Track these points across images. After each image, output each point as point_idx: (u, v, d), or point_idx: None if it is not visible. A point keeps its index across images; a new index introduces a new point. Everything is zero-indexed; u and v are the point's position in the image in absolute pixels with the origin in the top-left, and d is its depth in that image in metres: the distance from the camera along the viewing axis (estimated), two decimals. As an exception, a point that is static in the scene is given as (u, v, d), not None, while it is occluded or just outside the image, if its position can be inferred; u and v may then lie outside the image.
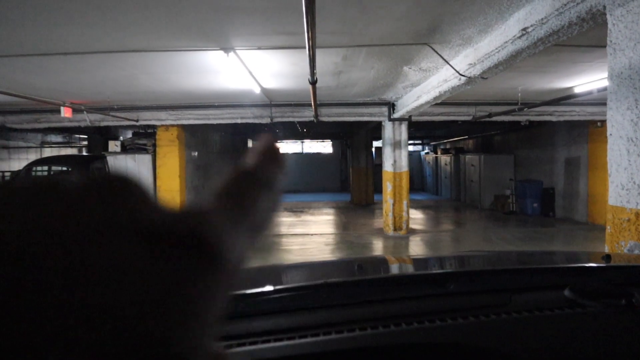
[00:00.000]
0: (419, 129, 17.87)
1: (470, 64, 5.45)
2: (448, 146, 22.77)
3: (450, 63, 5.93)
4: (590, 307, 1.20)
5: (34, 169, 12.95)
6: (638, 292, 1.20)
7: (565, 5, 3.33)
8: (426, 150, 26.77)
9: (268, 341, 1.08)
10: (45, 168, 12.93)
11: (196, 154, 12.56)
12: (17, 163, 19.48)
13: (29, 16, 4.52)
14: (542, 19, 3.71)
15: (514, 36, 4.25)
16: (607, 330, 1.16)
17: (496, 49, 4.72)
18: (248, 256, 0.30)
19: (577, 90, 8.68)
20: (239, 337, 1.09)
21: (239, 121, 11.12)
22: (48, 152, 20.16)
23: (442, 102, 8.41)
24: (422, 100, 7.96)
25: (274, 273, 2.26)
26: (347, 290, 1.42)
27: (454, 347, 1.11)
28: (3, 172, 18.01)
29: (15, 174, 15.17)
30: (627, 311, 1.18)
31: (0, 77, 6.72)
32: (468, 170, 17.94)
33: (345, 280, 1.65)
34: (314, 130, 19.46)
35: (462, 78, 5.78)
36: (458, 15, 4.56)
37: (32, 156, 18.54)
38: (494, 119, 10.81)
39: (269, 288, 1.43)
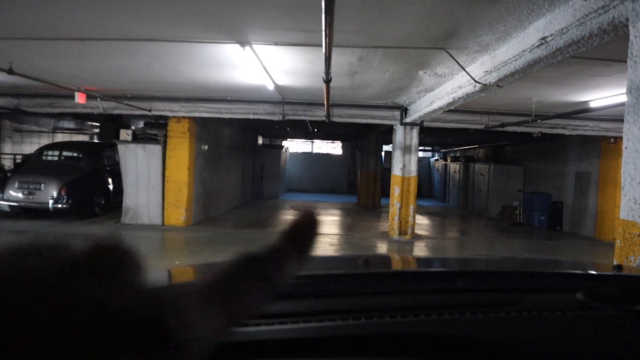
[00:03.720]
0: (430, 135, 17.79)
1: (487, 71, 5.43)
2: (458, 154, 22.71)
3: (466, 69, 5.91)
4: (603, 311, 1.18)
5: (45, 153, 13.05)
6: None
7: (587, 15, 3.30)
8: (436, 157, 26.71)
9: (272, 324, 1.10)
10: (57, 153, 13.02)
11: (206, 147, 12.57)
12: (29, 147, 19.63)
13: (48, 3, 4.54)
14: (562, 29, 3.68)
15: (533, 45, 4.23)
16: (620, 334, 1.15)
17: (513, 57, 4.69)
18: (219, 340, 0.31)
19: (592, 105, 8.61)
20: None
21: (251, 117, 11.12)
22: (60, 138, 20.30)
23: (455, 109, 8.38)
24: (435, 106, 7.94)
25: None
26: (357, 281, 1.44)
27: (462, 340, 1.11)
28: (15, 155, 18.16)
29: (26, 157, 15.27)
30: None
31: (17, 60, 6.75)
32: (477, 179, 17.87)
33: (361, 271, 1.66)
34: (324, 131, 19.46)
35: (478, 85, 5.75)
36: (477, 21, 4.54)
37: (44, 141, 18.72)
38: (506, 129, 10.76)
39: None
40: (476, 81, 5.72)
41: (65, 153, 13.01)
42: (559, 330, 1.15)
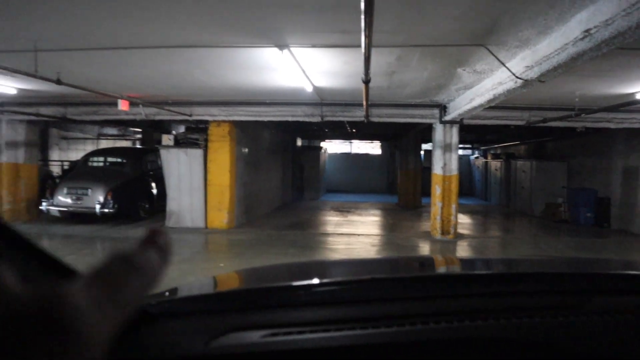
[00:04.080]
0: (470, 133, 17.54)
1: (528, 66, 5.33)
2: (499, 151, 22.30)
3: (506, 65, 5.82)
4: None
5: (91, 159, 13.46)
6: None
7: (633, 5, 3.22)
8: (476, 155, 26.30)
9: (304, 332, 1.09)
10: (102, 159, 13.40)
11: (246, 150, 12.73)
12: (75, 153, 20.28)
13: (93, 11, 4.70)
14: (606, 20, 3.59)
15: (576, 38, 4.13)
16: None
17: (555, 51, 4.59)
18: (115, 330, 0.34)
19: (639, 97, 8.35)
20: (279, 326, 1.11)
21: (289, 119, 11.21)
22: (104, 144, 20.90)
23: (495, 105, 8.23)
24: (475, 103, 7.83)
25: (315, 268, 2.27)
26: (406, 285, 1.42)
27: (521, 344, 1.09)
28: (62, 161, 18.79)
29: (73, 164, 15.77)
30: None
31: (64, 70, 6.99)
32: (519, 176, 17.51)
33: (409, 275, 1.65)
34: (363, 131, 19.42)
35: (518, 81, 5.65)
36: (517, 15, 4.47)
37: (89, 147, 19.29)
38: (549, 124, 10.52)
39: (308, 282, 1.45)
40: (517, 77, 5.62)
41: (110, 159, 13.40)
42: (633, 335, 1.11)
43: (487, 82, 7.16)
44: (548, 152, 17.95)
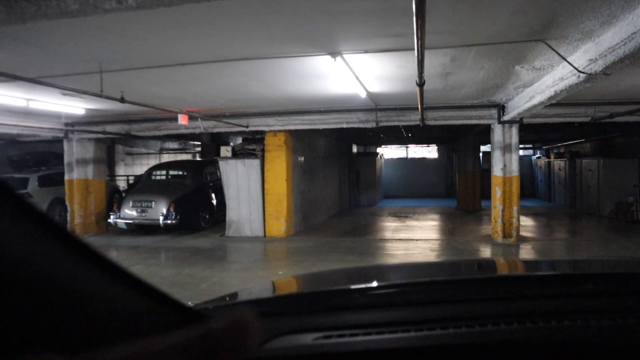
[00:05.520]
0: (530, 132, 17.01)
1: (591, 59, 5.12)
2: (562, 150, 21.51)
3: (568, 59, 5.61)
4: None
5: (154, 173, 13.93)
6: None
7: None
8: (538, 155, 25.50)
9: (356, 335, 1.08)
10: (164, 172, 13.85)
11: (302, 158, 12.84)
12: (139, 168, 21.07)
13: (153, 31, 4.87)
14: (676, 7, 3.40)
15: (643, 26, 3.94)
16: None
17: (622, 41, 4.39)
18: None
19: None
20: (333, 329, 1.10)
21: (344, 126, 11.23)
22: (166, 158, 21.61)
23: (556, 102, 7.95)
24: (535, 101, 7.59)
25: (370, 272, 2.25)
26: (460, 287, 1.40)
27: (590, 348, 1.04)
28: (127, 176, 19.55)
29: (137, 178, 16.37)
30: None
31: (127, 89, 7.27)
32: (585, 175, 16.81)
33: (464, 277, 1.61)
34: (419, 135, 19.21)
35: (581, 75, 5.44)
36: (578, 7, 4.31)
37: (152, 161, 20.02)
38: (616, 119, 10.04)
39: (360, 285, 1.44)
40: (579, 71, 5.41)
41: (171, 172, 13.83)
42: None
43: (547, 79, 6.93)
44: (617, 149, 17.16)
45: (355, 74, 6.97)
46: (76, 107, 9.74)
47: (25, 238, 0.65)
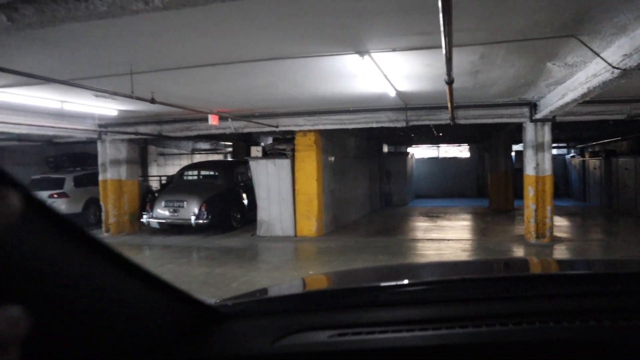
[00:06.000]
0: (564, 131, 16.66)
1: (626, 54, 4.98)
2: (597, 148, 21.00)
3: (601, 55, 5.48)
4: None
5: (186, 173, 14.14)
6: None
7: None
8: (571, 154, 24.95)
9: (373, 333, 1.07)
10: (195, 173, 14.04)
11: (333, 158, 12.85)
12: (172, 168, 21.40)
13: (181, 32, 4.94)
14: None
15: (679, 20, 3.82)
16: None
17: (657, 36, 4.27)
18: None
19: None
20: (349, 326, 1.10)
21: (374, 125, 11.20)
22: (197, 158, 21.90)
23: (590, 99, 7.77)
24: (567, 99, 7.44)
25: (394, 271, 2.24)
26: (490, 285, 1.38)
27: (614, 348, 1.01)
28: (160, 176, 19.88)
29: (170, 178, 16.63)
30: None
31: (157, 90, 7.40)
32: (621, 174, 16.37)
33: (494, 275, 1.59)
34: (450, 134, 19.02)
35: (616, 71, 5.30)
36: (610, 0, 4.20)
37: (184, 162, 20.31)
38: (654, 116, 9.77)
39: (385, 283, 1.43)
40: (614, 67, 5.27)
41: (203, 172, 14.01)
42: None
43: (580, 75, 6.78)
44: (654, 147, 16.67)
45: (383, 73, 6.94)
46: (109, 108, 9.96)
47: (54, 247, 0.67)
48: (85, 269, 0.75)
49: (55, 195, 13.44)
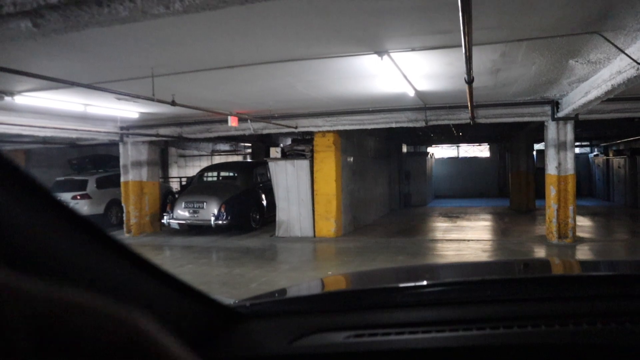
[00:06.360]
0: (586, 129, 16.42)
1: (650, 51, 4.90)
2: (621, 147, 20.64)
3: (626, 52, 5.38)
4: None
5: (205, 175, 14.23)
6: None
7: None
8: (595, 152, 24.58)
9: (389, 334, 1.07)
10: (215, 174, 14.13)
11: (352, 158, 12.83)
12: (192, 170, 21.57)
13: (201, 36, 4.99)
14: None
15: None
16: None
17: (682, 32, 4.18)
18: None
19: None
20: (366, 327, 1.10)
21: (393, 125, 11.15)
22: (217, 159, 22.05)
23: (614, 97, 7.65)
24: (591, 97, 7.32)
25: (411, 272, 2.22)
26: (509, 287, 1.36)
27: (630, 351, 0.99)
28: (180, 177, 20.05)
29: (190, 179, 16.77)
30: None
31: (177, 92, 7.46)
32: (647, 173, 16.10)
33: (512, 277, 1.58)
34: (470, 134, 18.86)
35: (640, 68, 5.21)
36: (634, -4, 4.13)
37: (204, 163, 20.44)
38: (680, 114, 9.57)
39: (402, 284, 1.42)
40: (639, 63, 5.18)
41: (222, 173, 14.09)
42: None
43: (603, 73, 6.67)
44: (680, 146, 16.34)
45: (402, 73, 6.91)
46: (130, 111, 10.08)
47: (70, 242, 0.68)
48: (105, 270, 0.76)
49: (78, 197, 13.64)
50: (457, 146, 26.45)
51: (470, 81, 5.72)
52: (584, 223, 12.90)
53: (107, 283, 0.76)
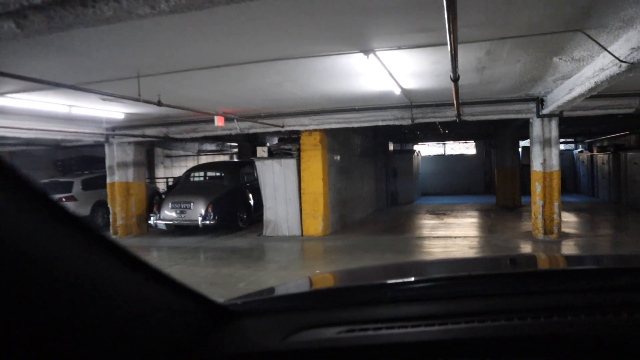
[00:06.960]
0: (571, 126, 16.57)
1: (633, 48, 4.95)
2: (605, 143, 20.90)
3: (608, 49, 5.45)
4: None
5: (192, 175, 14.17)
6: None
7: None
8: (579, 149, 24.84)
9: (380, 329, 1.08)
10: (202, 174, 14.07)
11: (338, 157, 12.84)
12: (178, 170, 21.46)
13: (186, 36, 4.96)
14: None
15: (686, 13, 3.80)
16: None
17: (664, 29, 4.24)
18: None
19: None
20: (357, 323, 1.11)
21: (379, 123, 11.18)
22: (204, 159, 21.96)
23: (598, 94, 7.73)
24: (575, 94, 7.40)
25: (398, 269, 2.24)
26: (495, 281, 1.38)
27: (617, 343, 1.01)
28: (167, 178, 19.93)
29: (176, 180, 16.69)
30: None
31: (163, 92, 7.42)
32: (630, 169, 16.29)
33: (497, 272, 1.60)
34: (456, 131, 18.96)
35: (623, 65, 5.27)
36: (617, -5, 4.18)
37: (191, 163, 20.35)
38: (662, 110, 9.69)
39: (391, 280, 1.44)
40: (621, 61, 5.24)
41: (209, 173, 14.04)
42: None
43: (587, 70, 6.75)
44: (662, 141, 16.57)
45: (389, 71, 6.93)
46: (116, 111, 10.00)
47: (63, 242, 0.68)
48: (96, 269, 0.76)
49: (64, 199, 13.50)
50: (444, 144, 26.57)
51: (456, 79, 5.75)
52: (569, 219, 13.05)
53: (98, 281, 0.76)
